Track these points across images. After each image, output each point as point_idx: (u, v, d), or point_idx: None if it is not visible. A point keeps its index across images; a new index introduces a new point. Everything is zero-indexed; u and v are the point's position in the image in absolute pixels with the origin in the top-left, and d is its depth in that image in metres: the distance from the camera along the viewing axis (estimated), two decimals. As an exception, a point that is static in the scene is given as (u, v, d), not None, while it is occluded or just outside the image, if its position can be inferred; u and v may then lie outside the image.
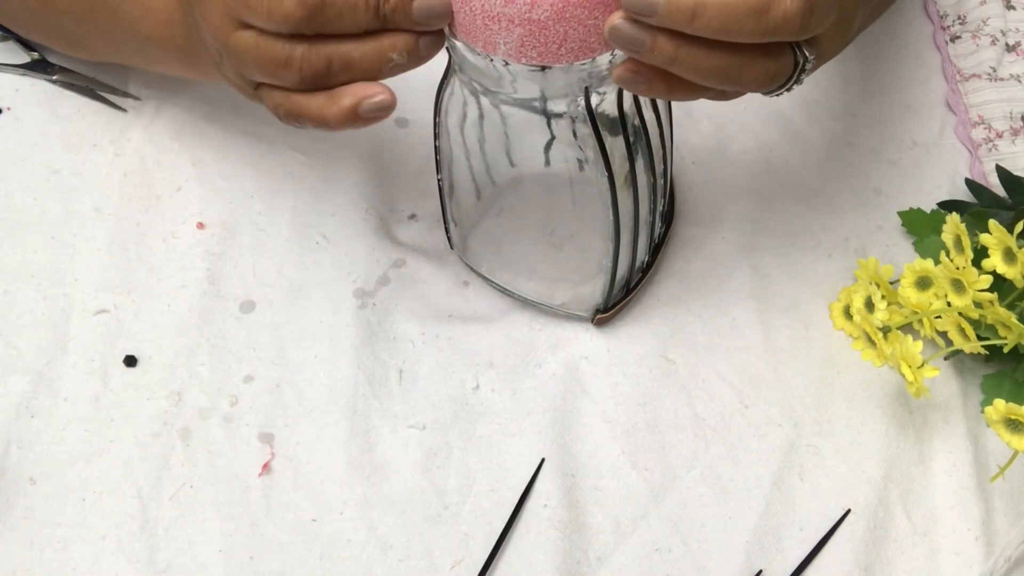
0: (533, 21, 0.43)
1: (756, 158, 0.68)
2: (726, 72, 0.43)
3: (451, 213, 0.60)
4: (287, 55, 0.44)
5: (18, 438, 0.58)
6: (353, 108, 0.44)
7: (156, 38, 0.57)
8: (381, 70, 0.44)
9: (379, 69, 0.44)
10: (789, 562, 0.56)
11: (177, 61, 0.58)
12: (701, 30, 0.41)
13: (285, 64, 0.44)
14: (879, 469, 0.58)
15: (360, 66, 0.44)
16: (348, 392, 0.59)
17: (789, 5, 0.42)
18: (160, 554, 0.55)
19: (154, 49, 0.58)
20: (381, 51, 0.44)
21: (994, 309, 0.56)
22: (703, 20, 0.41)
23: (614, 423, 0.59)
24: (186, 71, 0.59)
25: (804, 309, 0.63)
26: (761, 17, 0.42)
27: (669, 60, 0.43)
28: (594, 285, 0.59)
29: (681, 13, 0.41)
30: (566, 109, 0.49)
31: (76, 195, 0.65)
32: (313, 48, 0.43)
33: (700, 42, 0.42)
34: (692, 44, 0.42)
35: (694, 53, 0.42)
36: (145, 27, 0.57)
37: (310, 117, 0.45)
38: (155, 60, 0.60)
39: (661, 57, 0.42)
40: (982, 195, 0.65)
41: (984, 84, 0.70)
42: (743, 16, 0.41)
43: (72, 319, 0.61)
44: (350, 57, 0.44)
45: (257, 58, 0.44)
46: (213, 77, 0.53)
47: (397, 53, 0.44)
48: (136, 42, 0.59)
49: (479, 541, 0.56)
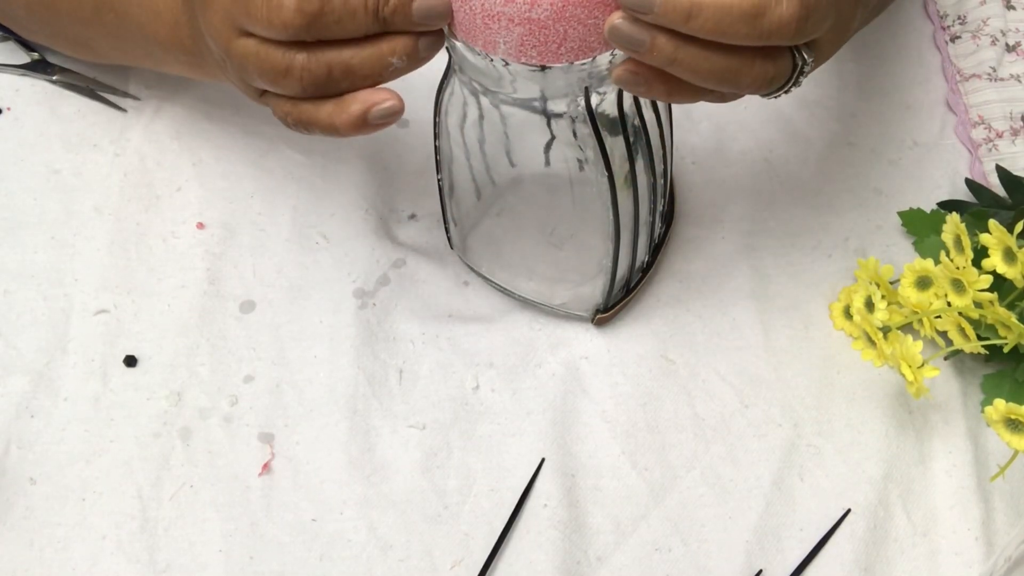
0: (533, 20, 0.43)
1: (756, 158, 0.68)
2: (724, 74, 0.43)
3: (451, 213, 0.60)
4: (287, 64, 0.44)
5: (18, 438, 0.58)
6: (362, 115, 0.44)
7: (163, 40, 0.57)
8: (382, 75, 0.44)
9: (379, 74, 0.44)
10: (789, 562, 0.56)
11: (184, 63, 0.58)
12: (697, 30, 0.42)
13: (286, 73, 0.44)
14: (879, 469, 0.58)
15: (360, 72, 0.44)
16: (348, 392, 0.59)
17: (784, 11, 0.42)
18: (160, 554, 0.55)
19: (162, 52, 0.58)
20: (381, 56, 0.44)
21: (994, 309, 0.56)
22: (699, 21, 0.41)
23: (614, 423, 0.59)
24: (194, 72, 0.59)
25: (804, 309, 0.63)
26: (756, 21, 0.42)
27: (668, 61, 0.43)
28: (594, 285, 0.59)
29: (678, 12, 0.41)
30: (566, 109, 0.49)
31: (76, 195, 0.65)
32: (313, 56, 0.43)
33: (699, 43, 0.42)
34: (691, 45, 0.42)
35: (692, 54, 0.43)
36: (152, 30, 0.57)
37: (319, 125, 0.45)
38: (162, 62, 0.60)
39: (660, 58, 0.43)
40: (982, 195, 0.65)
41: (984, 84, 0.70)
42: (738, 19, 0.42)
43: (72, 319, 0.61)
44: (350, 64, 0.44)
45: (258, 66, 0.44)
46: (220, 79, 0.53)
47: (397, 57, 0.44)
48: (144, 44, 0.59)
49: (479, 541, 0.56)
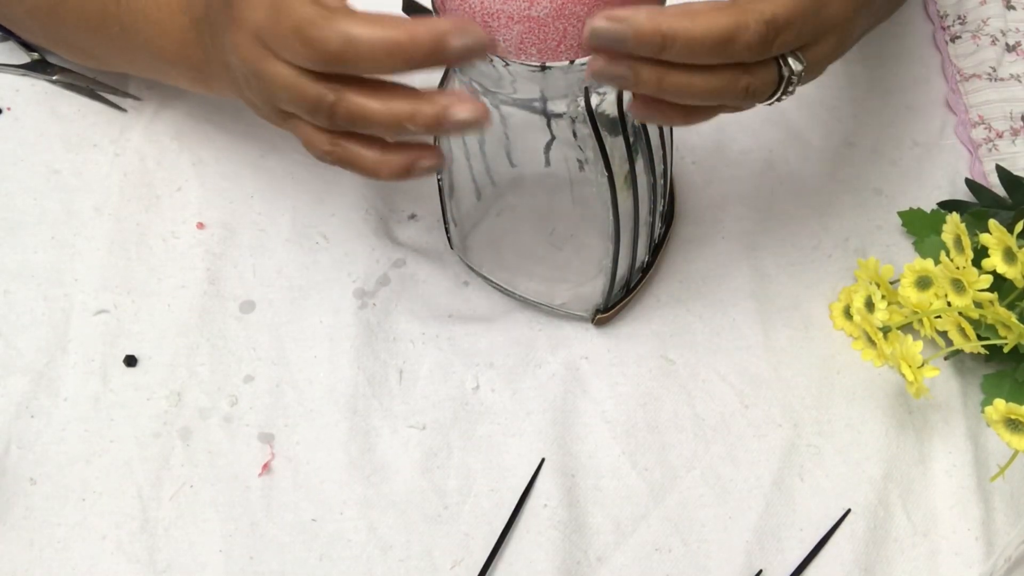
0: (532, 18, 0.43)
1: (756, 158, 0.68)
2: (713, 92, 0.44)
3: (451, 213, 0.60)
4: (318, 99, 0.43)
5: (18, 438, 0.58)
6: (406, 168, 0.45)
7: (170, 56, 0.57)
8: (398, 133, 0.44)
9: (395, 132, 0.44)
10: (789, 562, 0.56)
11: (190, 78, 0.58)
12: (674, 58, 0.42)
13: (316, 107, 0.43)
14: (879, 469, 0.58)
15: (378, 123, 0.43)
16: (348, 392, 0.59)
17: (751, 37, 0.43)
18: (160, 554, 0.55)
19: (167, 66, 0.58)
20: (398, 121, 0.43)
21: (994, 309, 0.56)
22: (673, 49, 0.42)
23: (614, 423, 0.59)
24: (199, 88, 0.58)
25: (804, 309, 0.63)
26: (726, 48, 0.43)
27: (656, 88, 0.43)
28: (594, 285, 0.59)
29: (652, 43, 0.42)
30: (566, 109, 0.49)
31: (76, 195, 0.65)
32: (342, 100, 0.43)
33: (680, 67, 0.43)
34: (673, 70, 0.43)
35: (677, 78, 0.43)
36: (159, 45, 0.57)
37: (360, 168, 0.45)
38: (168, 76, 0.60)
39: (648, 87, 0.43)
40: (982, 195, 0.65)
41: (984, 84, 0.70)
42: (709, 49, 0.42)
43: (72, 319, 0.61)
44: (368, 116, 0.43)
45: (292, 95, 0.44)
46: (226, 95, 0.53)
47: (415, 126, 0.43)
48: (149, 58, 0.59)
49: (479, 541, 0.56)
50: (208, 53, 0.53)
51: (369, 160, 0.45)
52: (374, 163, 0.45)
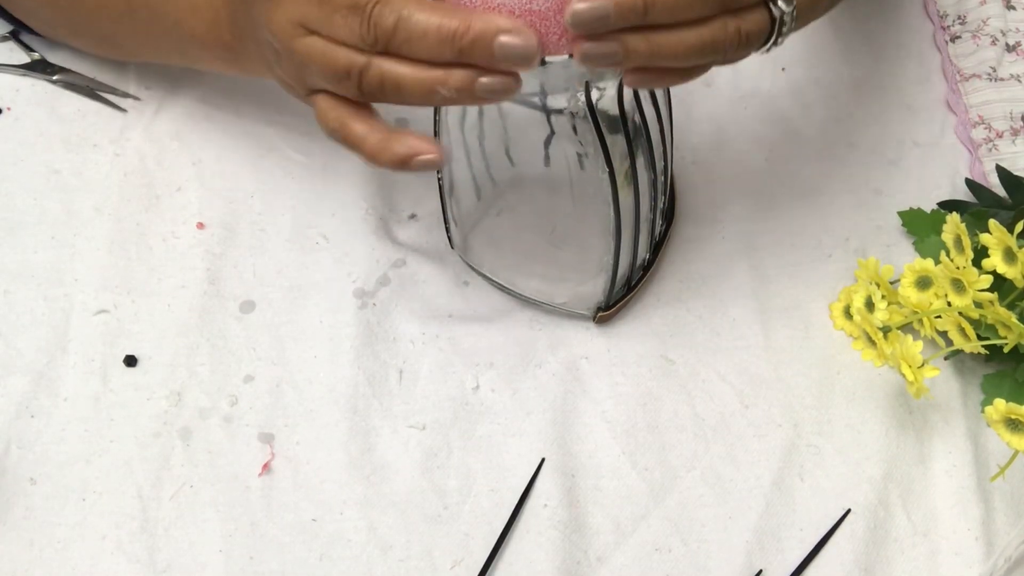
0: (533, 12, 0.43)
1: (756, 158, 0.68)
2: (704, 47, 0.44)
3: (451, 213, 0.60)
4: (349, 65, 0.44)
5: (18, 438, 0.58)
6: (405, 159, 0.45)
7: (200, 36, 0.57)
8: (428, 100, 0.44)
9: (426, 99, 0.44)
10: (789, 562, 0.56)
11: (220, 59, 0.57)
12: (657, 19, 0.42)
13: (347, 74, 0.44)
14: (879, 469, 0.58)
15: (408, 91, 0.44)
16: (348, 392, 0.59)
17: None
18: (160, 554, 0.55)
19: (197, 48, 0.58)
20: (426, 83, 0.43)
21: (994, 309, 0.56)
22: (655, 10, 0.42)
23: (614, 423, 0.59)
24: (228, 68, 0.58)
25: (804, 309, 0.63)
26: None
27: (648, 56, 0.43)
28: (595, 284, 0.59)
29: (634, 11, 0.42)
30: (566, 105, 0.49)
31: (76, 195, 0.65)
32: (372, 64, 0.43)
33: (666, 28, 0.43)
34: (660, 33, 0.43)
35: (665, 41, 0.43)
36: (189, 26, 0.57)
37: (360, 151, 0.45)
38: (196, 58, 0.60)
39: (640, 57, 0.43)
40: (982, 195, 0.65)
41: (984, 84, 0.70)
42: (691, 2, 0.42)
43: (72, 319, 0.61)
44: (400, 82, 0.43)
45: (322, 65, 0.44)
46: (257, 74, 0.53)
47: (446, 88, 0.43)
48: (177, 41, 0.58)
49: (479, 541, 0.56)
50: (241, 30, 0.53)
51: (371, 143, 0.45)
52: (375, 147, 0.45)
